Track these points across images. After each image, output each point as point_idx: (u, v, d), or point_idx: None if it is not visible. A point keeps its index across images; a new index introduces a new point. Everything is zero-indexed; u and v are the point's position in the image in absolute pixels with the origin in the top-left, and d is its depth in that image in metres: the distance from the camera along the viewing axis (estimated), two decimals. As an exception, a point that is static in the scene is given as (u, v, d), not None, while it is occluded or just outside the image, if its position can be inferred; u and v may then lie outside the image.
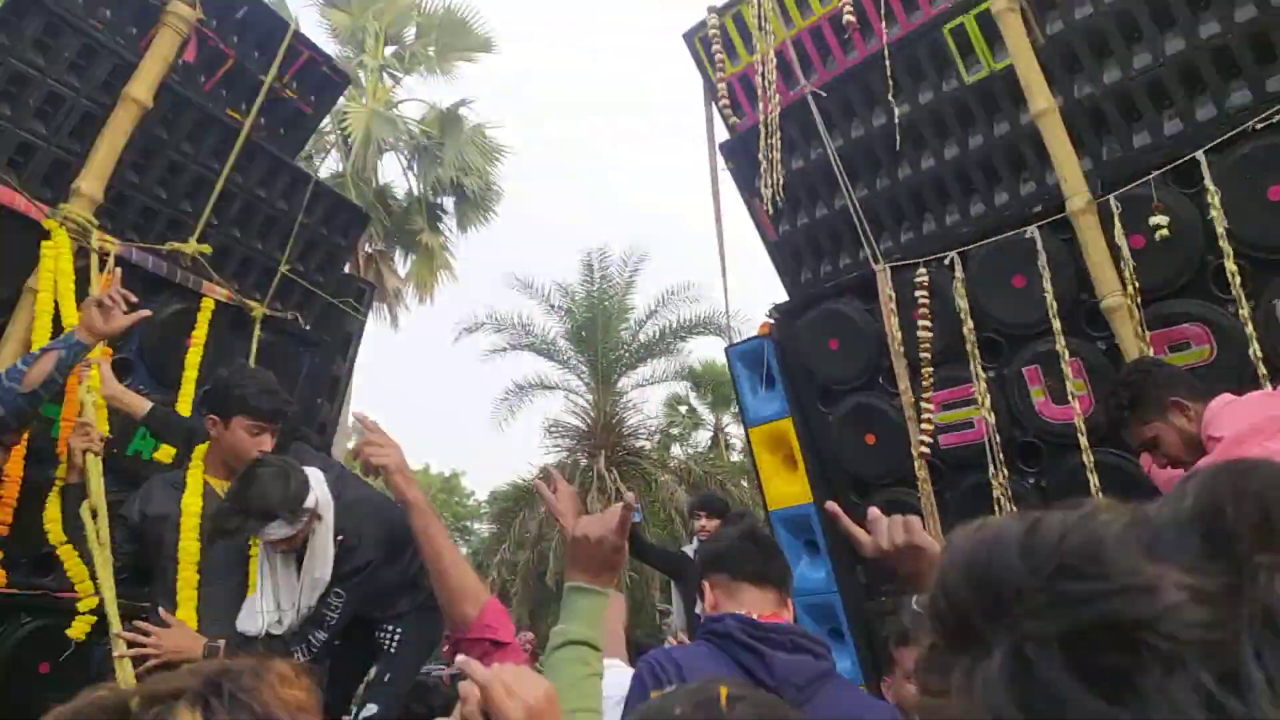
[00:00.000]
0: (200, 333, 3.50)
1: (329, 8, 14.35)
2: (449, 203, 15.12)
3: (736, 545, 1.94)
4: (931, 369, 3.53)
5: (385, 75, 15.03)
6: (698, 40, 4.25)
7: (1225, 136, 2.80)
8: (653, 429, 16.83)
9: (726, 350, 4.38)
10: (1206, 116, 2.95)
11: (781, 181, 3.90)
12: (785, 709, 1.06)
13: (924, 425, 3.54)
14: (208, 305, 3.55)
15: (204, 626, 2.66)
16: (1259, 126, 2.74)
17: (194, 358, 3.45)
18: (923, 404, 3.53)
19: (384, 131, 14.06)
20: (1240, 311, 2.75)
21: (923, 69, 3.56)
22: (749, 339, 4.23)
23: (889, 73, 3.55)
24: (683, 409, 20.04)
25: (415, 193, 15.02)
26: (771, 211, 4.04)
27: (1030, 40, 3.21)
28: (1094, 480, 2.97)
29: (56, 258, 2.97)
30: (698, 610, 5.00)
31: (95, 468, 2.77)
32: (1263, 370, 2.70)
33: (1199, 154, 2.82)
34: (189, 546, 2.72)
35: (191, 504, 2.77)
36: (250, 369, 3.24)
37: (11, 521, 2.86)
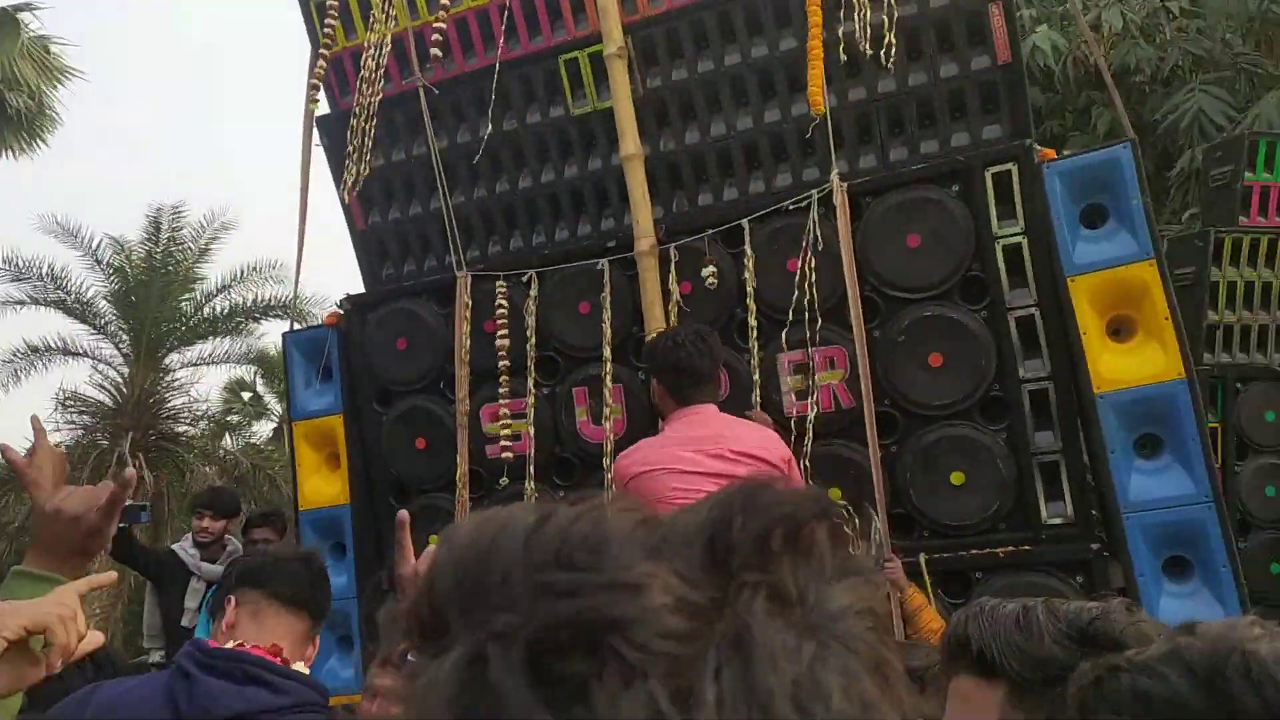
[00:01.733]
0: None
1: None
2: (-18, 113, 12.54)
3: (286, 564, 1.75)
4: (505, 379, 3.59)
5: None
6: (313, 4, 3.97)
7: (766, 210, 3.23)
8: (201, 413, 15.15)
9: (284, 336, 4.09)
10: (756, 190, 3.40)
11: (368, 171, 3.75)
12: None
13: (504, 431, 3.55)
14: None
15: None
16: (791, 207, 3.19)
17: None
18: (502, 409, 3.56)
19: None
20: (752, 360, 3.19)
21: (534, 90, 3.67)
22: (312, 327, 3.99)
23: (493, 86, 3.60)
24: (247, 396, 18.34)
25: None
26: (358, 200, 3.87)
27: (631, 89, 3.45)
28: (608, 498, 3.19)
29: None
30: (186, 623, 4.52)
31: None
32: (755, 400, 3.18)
33: (744, 221, 3.21)
34: None
35: None
36: None
37: None
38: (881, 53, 3.05)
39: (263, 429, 18.30)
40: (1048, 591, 2.94)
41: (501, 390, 3.50)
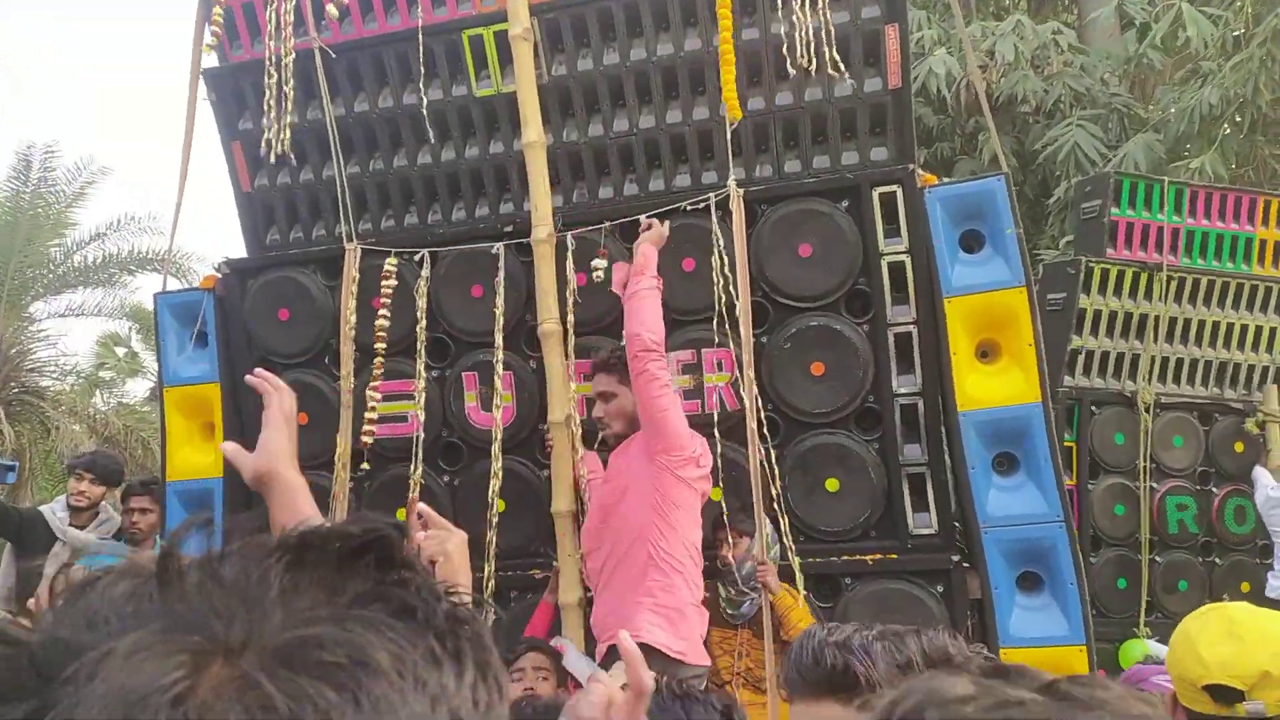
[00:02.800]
0: None
1: None
2: None
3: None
4: (383, 359, 3.51)
5: None
6: (205, -51, 3.77)
7: (664, 209, 3.24)
8: (70, 368, 14.25)
9: (156, 297, 3.89)
10: (656, 188, 3.42)
11: (287, 136, 3.59)
12: None
13: (367, 414, 3.47)
14: None
15: None
16: (688, 209, 3.22)
17: None
18: (370, 392, 3.48)
19: None
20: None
21: (436, 65, 3.58)
22: (187, 289, 3.81)
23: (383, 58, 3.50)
24: (121, 352, 17.31)
25: None
26: (245, 160, 3.71)
27: (536, 74, 3.41)
28: (495, 485, 3.18)
29: None
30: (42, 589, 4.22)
31: None
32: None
33: (642, 217, 3.22)
34: None
35: None
36: None
37: None
38: (788, 64, 3.10)
39: (138, 388, 17.31)
40: (911, 599, 3.07)
41: (376, 372, 3.41)
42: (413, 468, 3.36)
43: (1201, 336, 4.69)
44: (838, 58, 3.09)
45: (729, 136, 3.16)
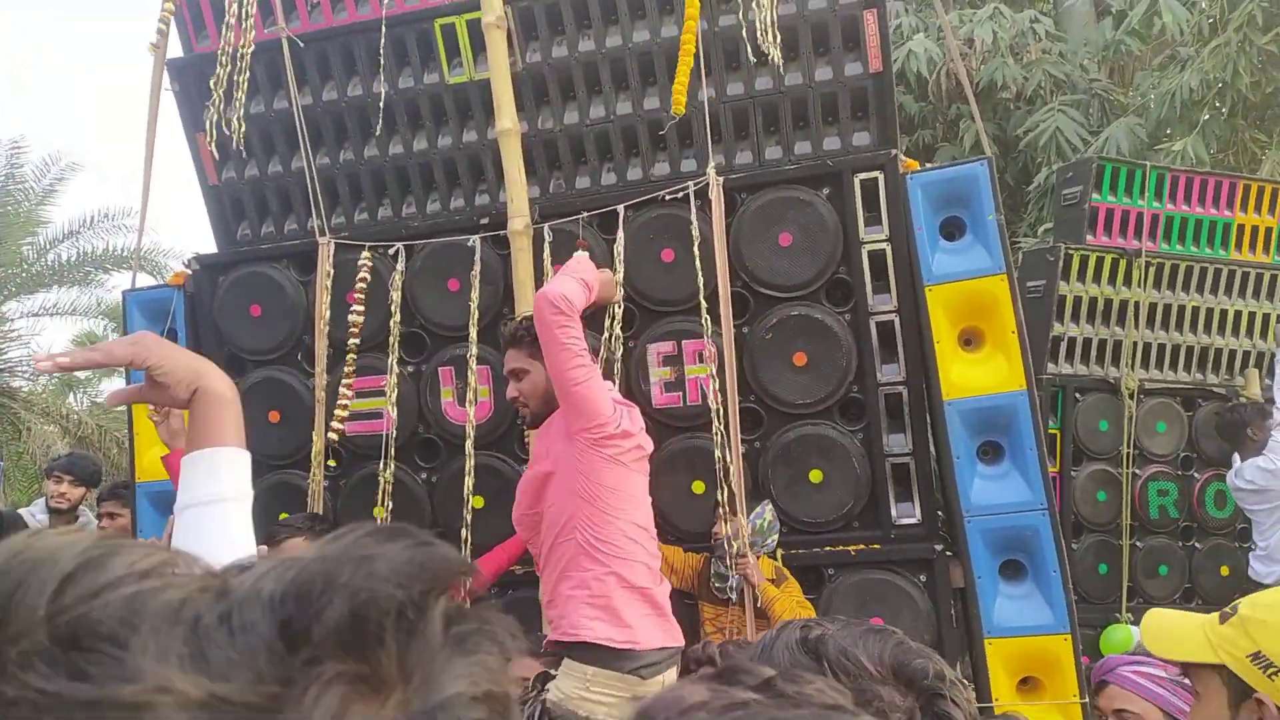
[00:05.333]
0: None
1: None
2: None
3: None
4: (356, 355, 3.44)
5: None
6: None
7: (643, 198, 3.19)
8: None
9: (125, 295, 3.81)
10: (635, 177, 3.36)
11: (242, 128, 3.51)
12: None
13: (338, 410, 3.42)
14: None
15: None
16: (667, 197, 3.16)
17: None
18: (343, 388, 3.42)
19: None
20: (624, 347, 3.18)
21: (408, 54, 3.51)
22: (156, 286, 3.73)
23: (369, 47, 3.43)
24: (96, 352, 17.00)
25: None
26: (211, 153, 3.62)
27: (510, 62, 3.34)
28: (469, 481, 3.13)
29: None
30: None
31: None
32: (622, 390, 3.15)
33: (620, 207, 3.17)
34: None
35: None
36: None
37: None
38: (765, 49, 3.05)
39: (113, 388, 17.06)
40: (894, 589, 3.05)
41: (348, 369, 3.35)
42: (383, 465, 3.31)
43: (1183, 322, 4.69)
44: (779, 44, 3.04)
45: (708, 122, 3.11)
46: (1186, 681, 1.85)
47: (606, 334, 3.10)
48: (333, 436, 3.29)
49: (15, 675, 0.32)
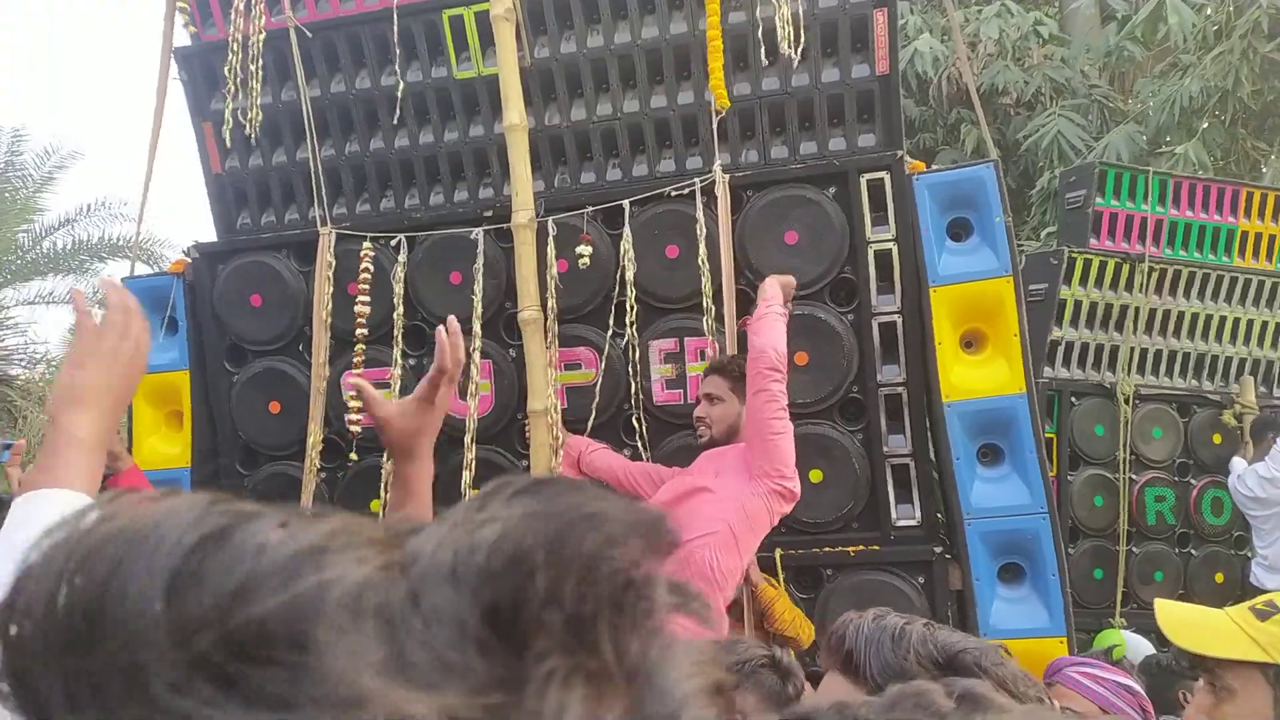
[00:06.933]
0: None
1: None
2: None
3: None
4: (362, 348, 3.43)
5: None
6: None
7: (649, 194, 3.19)
8: (39, 356, 13.96)
9: (123, 282, 3.79)
10: (640, 173, 3.35)
11: (259, 117, 3.50)
12: None
13: (352, 402, 3.39)
14: None
15: None
16: (673, 194, 3.16)
17: None
18: (352, 380, 3.39)
19: None
20: (628, 344, 3.17)
21: (415, 46, 3.50)
22: (155, 275, 3.72)
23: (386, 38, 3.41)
24: (95, 338, 16.91)
25: None
26: (215, 142, 3.61)
27: (519, 56, 3.33)
28: (469, 475, 3.12)
29: None
30: None
31: None
32: (633, 390, 3.18)
33: (626, 202, 3.16)
34: None
35: None
36: None
37: None
38: (785, 46, 3.04)
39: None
40: (892, 590, 3.05)
41: (356, 360, 3.34)
42: (385, 457, 3.29)
43: (1180, 328, 4.70)
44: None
45: (714, 122, 3.11)
46: (1131, 684, 1.87)
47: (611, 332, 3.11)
48: (355, 430, 3.28)
49: (160, 698, 0.24)
